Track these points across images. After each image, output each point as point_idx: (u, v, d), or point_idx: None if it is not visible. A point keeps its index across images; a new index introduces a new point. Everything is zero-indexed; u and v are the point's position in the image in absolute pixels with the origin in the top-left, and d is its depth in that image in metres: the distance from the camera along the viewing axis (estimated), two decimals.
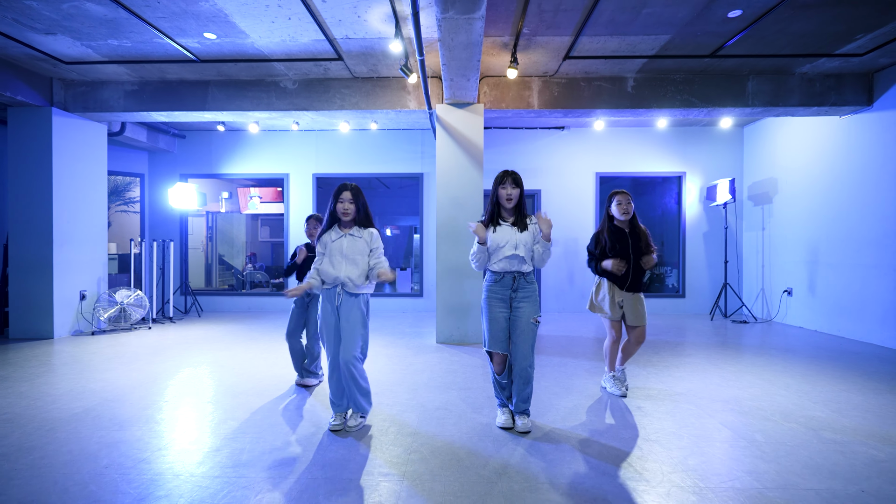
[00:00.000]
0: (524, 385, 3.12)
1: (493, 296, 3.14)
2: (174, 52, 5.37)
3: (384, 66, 5.83)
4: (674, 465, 2.63)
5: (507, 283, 3.13)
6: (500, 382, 3.20)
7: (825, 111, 6.31)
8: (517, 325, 3.11)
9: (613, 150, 8.61)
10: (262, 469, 2.57)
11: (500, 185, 3.16)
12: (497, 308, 3.12)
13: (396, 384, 4.17)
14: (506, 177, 3.14)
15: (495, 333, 3.11)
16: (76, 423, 3.23)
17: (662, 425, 3.23)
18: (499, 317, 3.11)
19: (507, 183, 3.13)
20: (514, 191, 3.12)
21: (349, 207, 3.11)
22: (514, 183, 3.13)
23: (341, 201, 3.12)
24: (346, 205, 3.11)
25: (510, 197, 3.12)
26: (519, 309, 3.12)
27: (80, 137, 6.48)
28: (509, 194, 3.12)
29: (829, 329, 6.72)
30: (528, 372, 3.10)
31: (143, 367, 4.72)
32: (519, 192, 3.13)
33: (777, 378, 4.40)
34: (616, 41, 5.20)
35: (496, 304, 3.12)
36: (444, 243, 5.95)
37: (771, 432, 3.13)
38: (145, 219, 8.82)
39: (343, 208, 3.11)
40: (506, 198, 3.13)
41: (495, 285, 3.15)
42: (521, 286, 3.14)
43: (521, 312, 3.11)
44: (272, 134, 8.72)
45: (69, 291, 6.36)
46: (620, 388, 3.89)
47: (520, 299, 3.13)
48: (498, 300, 3.13)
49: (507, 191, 3.12)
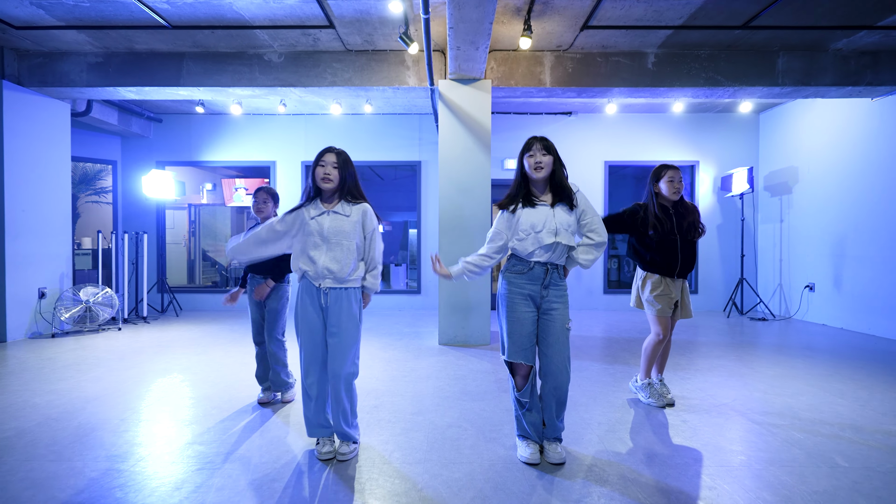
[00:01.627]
0: (559, 408, 2.48)
1: (516, 291, 2.46)
2: (141, 14, 4.70)
3: (381, 36, 5.22)
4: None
5: (538, 276, 2.45)
6: (522, 402, 2.49)
7: (859, 91, 5.81)
8: (550, 330, 2.44)
9: (623, 138, 8.07)
10: None
11: (526, 153, 2.50)
12: (522, 306, 2.44)
13: (398, 394, 3.58)
14: (533, 142, 2.49)
15: (519, 339, 2.43)
16: (2, 450, 2.59)
17: (719, 445, 2.68)
18: (524, 317, 2.43)
19: (534, 149, 2.47)
20: (544, 157, 2.45)
21: (332, 172, 2.42)
22: (544, 149, 2.46)
23: (322, 164, 2.43)
24: (329, 168, 2.42)
25: (539, 165, 2.44)
26: (552, 311, 2.46)
27: (37, 116, 5.77)
28: (538, 162, 2.44)
29: (856, 326, 6.24)
30: (565, 391, 2.46)
31: (103, 375, 4.08)
32: (552, 160, 2.47)
33: (828, 384, 3.89)
34: (642, 7, 4.63)
35: (521, 302, 2.45)
36: (448, 235, 5.36)
37: (850, 453, 2.60)
38: (118, 210, 8.10)
39: (324, 172, 2.42)
40: (533, 166, 2.45)
41: (520, 278, 2.46)
42: (553, 282, 2.48)
43: (555, 315, 2.45)
44: (257, 118, 8.04)
45: (24, 289, 5.66)
46: (659, 400, 3.33)
47: (552, 299, 2.47)
48: (523, 298, 2.45)
49: (535, 158, 2.45)
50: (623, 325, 6.59)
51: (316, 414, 2.51)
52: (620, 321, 6.94)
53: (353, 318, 2.47)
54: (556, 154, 2.50)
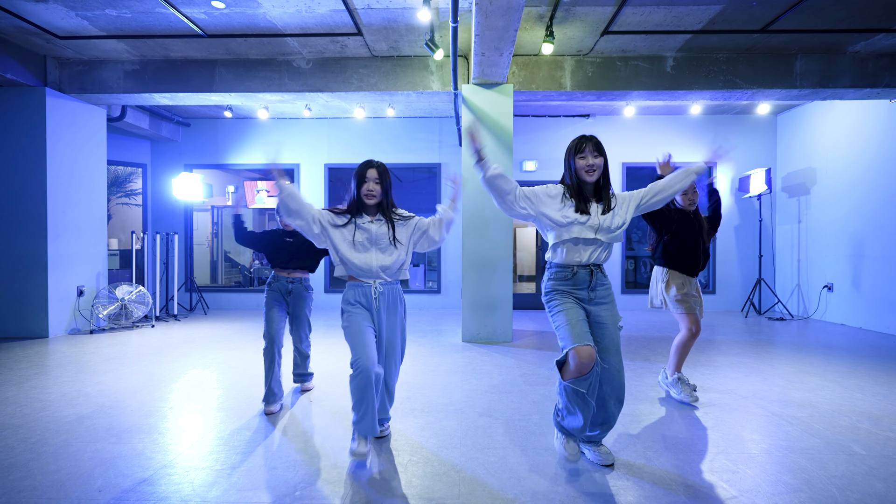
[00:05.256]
0: (617, 407, 2.39)
1: (562, 294, 2.39)
2: (179, 24, 4.93)
3: (406, 42, 5.39)
4: (777, 489, 2.20)
5: (584, 279, 2.38)
6: (580, 393, 2.26)
7: (877, 94, 5.86)
8: (604, 330, 2.37)
9: (640, 139, 8.17)
10: (286, 491, 2.14)
11: (576, 153, 2.39)
12: (569, 300, 2.37)
13: (427, 387, 3.74)
14: (584, 143, 2.38)
15: (577, 325, 2.29)
16: (67, 434, 2.80)
17: (740, 435, 2.79)
18: (575, 306, 2.35)
19: (586, 150, 2.37)
20: (596, 160, 2.36)
21: (375, 188, 2.53)
22: (595, 150, 2.37)
23: (367, 180, 2.53)
24: (372, 185, 2.53)
25: (592, 168, 2.36)
26: (602, 310, 2.39)
27: (76, 121, 6.04)
28: (590, 164, 2.36)
29: (875, 326, 6.28)
30: (622, 388, 2.38)
31: (145, 369, 4.29)
32: (603, 162, 2.39)
33: (845, 380, 3.97)
34: (662, 13, 4.75)
35: (568, 298, 2.38)
36: (471, 235, 5.51)
37: (867, 443, 2.70)
38: (148, 212, 8.38)
39: (368, 188, 2.52)
40: (585, 169, 2.36)
41: (565, 283, 2.39)
42: (599, 282, 2.41)
43: (607, 313, 2.39)
44: (282, 122, 8.27)
45: (65, 287, 5.92)
46: (691, 395, 3.42)
47: (600, 299, 2.40)
48: (570, 298, 2.39)
49: (587, 161, 2.36)
50: (641, 325, 6.69)
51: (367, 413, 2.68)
52: (639, 321, 7.04)
53: (403, 313, 2.68)
54: (606, 155, 2.42)
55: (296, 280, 3.44)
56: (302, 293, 3.46)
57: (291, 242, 3.43)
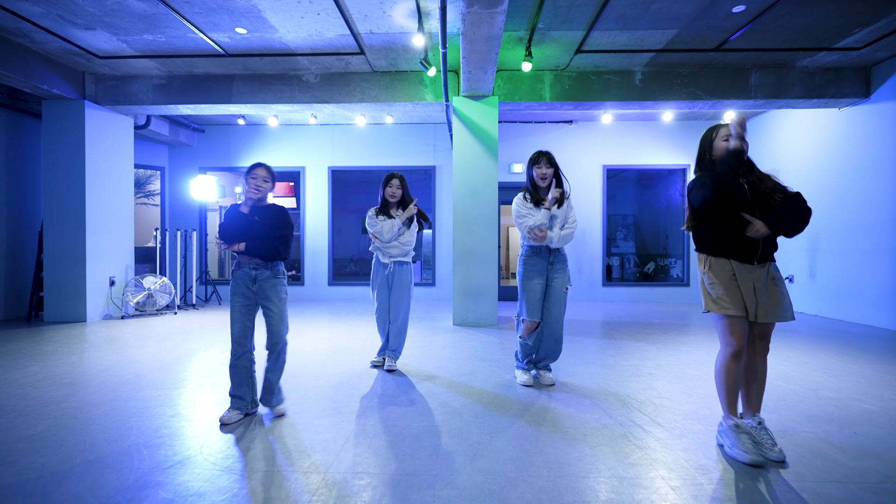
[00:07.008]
0: (555, 343, 3.48)
1: (530, 269, 3.42)
2: (205, 46, 5.64)
3: (403, 60, 6.11)
4: (686, 414, 2.91)
5: (544, 255, 3.42)
6: (528, 345, 3.53)
7: (825, 103, 6.58)
8: (552, 293, 3.43)
9: (620, 144, 8.88)
10: (352, 409, 2.84)
11: (534, 164, 3.38)
12: (535, 280, 3.42)
13: (421, 357, 4.44)
14: (540, 157, 3.36)
15: (533, 303, 3.41)
16: (132, 386, 3.50)
17: (676, 390, 3.50)
18: (536, 288, 3.42)
19: (541, 163, 3.35)
20: (548, 171, 3.35)
21: (397, 192, 3.87)
22: (548, 163, 3.35)
23: (391, 186, 3.86)
24: (394, 189, 3.86)
25: (544, 176, 3.34)
26: (555, 279, 3.44)
27: (109, 129, 6.76)
28: (544, 174, 3.34)
29: (828, 313, 6.98)
30: (560, 333, 3.48)
31: (178, 344, 4.99)
32: (553, 172, 3.36)
33: (779, 352, 4.66)
34: (626, 35, 5.47)
35: (534, 276, 3.42)
36: (461, 230, 6.22)
37: (773, 392, 3.39)
38: (166, 210, 9.09)
39: (391, 192, 3.86)
40: (540, 177, 3.35)
41: (533, 258, 3.43)
42: (556, 258, 3.45)
43: (557, 282, 3.44)
44: (289, 128, 8.99)
45: (100, 277, 6.64)
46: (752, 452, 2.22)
47: (555, 270, 3.44)
48: (536, 272, 3.42)
49: (541, 170, 3.35)
50: (618, 312, 7.40)
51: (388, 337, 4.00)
52: (616, 309, 7.75)
53: (410, 280, 3.97)
54: (557, 166, 3.41)
55: (259, 265, 2.85)
56: (269, 280, 2.84)
57: (257, 221, 2.83)
